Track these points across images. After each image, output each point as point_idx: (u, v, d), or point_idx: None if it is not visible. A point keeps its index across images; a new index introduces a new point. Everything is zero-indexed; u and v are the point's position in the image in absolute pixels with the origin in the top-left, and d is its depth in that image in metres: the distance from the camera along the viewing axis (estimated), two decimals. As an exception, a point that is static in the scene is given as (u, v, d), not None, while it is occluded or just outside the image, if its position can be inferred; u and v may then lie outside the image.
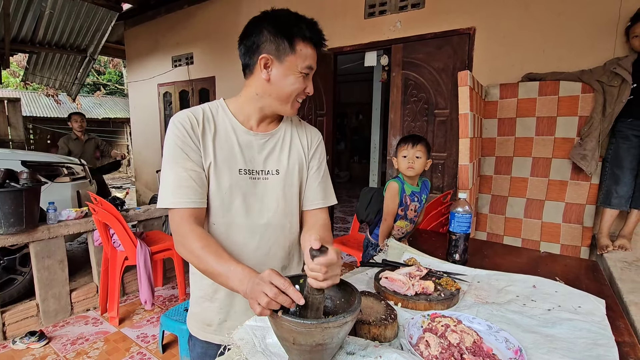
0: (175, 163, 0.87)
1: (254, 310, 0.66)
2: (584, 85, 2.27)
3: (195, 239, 0.83)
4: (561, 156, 2.40)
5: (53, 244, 2.56)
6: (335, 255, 0.64)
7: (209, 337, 1.00)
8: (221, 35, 4.50)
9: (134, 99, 6.16)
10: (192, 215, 0.86)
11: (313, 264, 0.64)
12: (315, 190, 1.03)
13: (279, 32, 0.85)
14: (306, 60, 0.88)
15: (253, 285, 0.68)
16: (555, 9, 2.47)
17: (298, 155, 1.01)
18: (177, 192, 0.86)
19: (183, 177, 0.86)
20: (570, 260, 1.42)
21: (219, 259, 0.79)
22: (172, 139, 0.88)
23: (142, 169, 6.18)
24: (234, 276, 0.76)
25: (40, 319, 2.55)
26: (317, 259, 0.63)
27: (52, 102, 12.23)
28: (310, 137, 1.05)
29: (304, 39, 0.86)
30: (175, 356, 2.22)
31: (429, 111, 3.03)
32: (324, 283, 0.64)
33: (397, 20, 3.10)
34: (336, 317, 0.61)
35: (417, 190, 1.80)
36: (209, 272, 0.82)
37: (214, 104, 0.97)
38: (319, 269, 0.63)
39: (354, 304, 0.66)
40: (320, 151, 1.07)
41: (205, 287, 0.98)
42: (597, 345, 0.79)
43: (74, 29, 4.50)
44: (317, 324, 0.59)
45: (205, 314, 1.00)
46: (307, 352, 0.63)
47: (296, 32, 0.85)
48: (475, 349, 0.74)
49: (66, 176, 3.37)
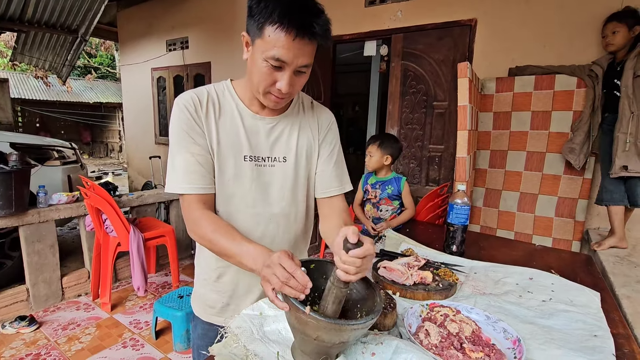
0: (183, 147, 0.85)
1: (266, 292, 0.66)
2: (579, 80, 2.28)
3: (206, 223, 0.82)
4: (555, 151, 2.41)
5: (44, 228, 2.51)
6: (372, 247, 0.61)
7: (212, 319, 1.00)
8: (218, 19, 4.39)
9: (127, 83, 6.02)
10: (201, 201, 0.85)
11: (347, 256, 0.60)
12: (329, 176, 0.98)
13: (254, 8, 0.74)
14: (273, 49, 0.73)
15: (264, 267, 0.68)
16: (556, 3, 2.45)
17: (307, 141, 0.96)
18: (186, 177, 0.84)
19: (191, 162, 0.84)
20: (564, 254, 1.44)
21: (232, 240, 0.79)
22: (177, 122, 0.85)
23: (134, 154, 6.09)
24: (248, 255, 0.75)
25: (30, 303, 2.52)
26: (354, 252, 0.59)
27: (41, 84, 11.92)
28: (322, 120, 0.99)
29: (272, 23, 0.71)
30: (168, 342, 2.22)
31: (428, 103, 3.01)
32: (354, 277, 0.60)
33: (398, 10, 3.06)
34: (365, 319, 0.60)
35: (384, 180, 2.08)
36: (223, 254, 0.82)
37: (220, 85, 0.93)
38: (353, 262, 0.60)
39: (377, 303, 0.65)
40: (333, 135, 1.00)
41: (210, 272, 0.97)
42: (593, 337, 0.80)
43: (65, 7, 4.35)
44: (348, 325, 0.58)
45: (208, 296, 0.99)
46: (326, 348, 0.62)
47: (265, 13, 0.71)
48: (475, 339, 0.74)
49: (57, 159, 3.30)
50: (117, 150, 14.87)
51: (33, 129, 12.79)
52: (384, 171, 2.10)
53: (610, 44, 2.06)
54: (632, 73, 1.91)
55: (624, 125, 1.92)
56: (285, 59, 0.74)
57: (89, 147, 15.27)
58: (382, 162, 2.05)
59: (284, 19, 0.70)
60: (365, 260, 0.61)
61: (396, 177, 2.09)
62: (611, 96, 2.07)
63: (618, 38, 2.02)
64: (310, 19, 0.73)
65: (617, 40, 2.02)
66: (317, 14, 0.74)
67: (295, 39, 0.72)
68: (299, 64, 0.76)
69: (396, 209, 2.06)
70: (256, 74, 0.79)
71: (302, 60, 0.76)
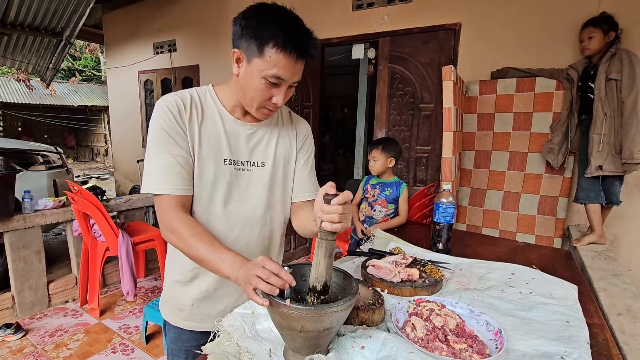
0: (163, 148, 0.85)
1: (247, 293, 0.68)
2: (558, 83, 2.37)
3: (185, 227, 0.83)
4: (536, 151, 2.49)
5: (29, 234, 2.47)
6: (349, 194, 0.66)
7: (180, 323, 1.01)
8: (206, 22, 4.38)
9: (113, 86, 5.94)
10: (180, 203, 0.86)
11: (329, 207, 0.64)
12: (306, 181, 1.04)
13: (249, 31, 0.79)
14: (274, 69, 0.79)
15: (247, 270, 0.70)
16: (535, 9, 2.54)
17: (285, 149, 1.01)
18: (165, 178, 0.85)
19: (171, 163, 0.85)
20: (545, 250, 1.49)
21: (211, 246, 0.80)
22: (159, 122, 0.86)
23: (121, 158, 6.00)
24: (226, 263, 0.77)
25: (16, 311, 2.47)
26: (335, 200, 0.64)
27: (23, 88, 11.64)
28: (299, 130, 1.05)
29: (275, 46, 0.77)
30: (159, 347, 2.21)
31: (415, 105, 3.07)
32: (338, 225, 0.64)
33: (385, 14, 3.11)
34: (344, 300, 0.63)
35: (384, 182, 2.11)
36: (199, 260, 0.83)
37: (202, 89, 0.94)
38: (336, 210, 0.64)
39: (353, 287, 0.69)
40: (309, 144, 1.07)
41: (185, 272, 0.97)
42: (569, 327, 0.84)
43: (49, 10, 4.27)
44: (328, 309, 0.61)
45: (178, 298, 1.00)
46: (313, 338, 0.65)
47: (267, 36, 0.77)
48: (458, 331, 0.77)
49: (42, 164, 3.25)
50: (102, 154, 14.60)
51: (15, 133, 12.47)
52: (386, 174, 2.13)
53: (587, 48, 2.14)
54: (604, 76, 1.99)
55: (597, 126, 2.00)
56: (285, 77, 0.81)
57: (73, 151, 14.96)
58: (387, 165, 2.09)
59: (287, 43, 0.77)
60: (346, 207, 0.65)
61: (397, 181, 2.12)
62: (587, 99, 2.16)
63: (594, 43, 2.10)
64: (307, 42, 0.80)
65: (593, 45, 2.10)
66: (312, 37, 0.82)
67: (297, 61, 0.80)
68: (294, 81, 0.84)
69: (390, 212, 2.07)
70: (252, 90, 0.83)
71: (297, 77, 0.85)
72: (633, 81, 1.91)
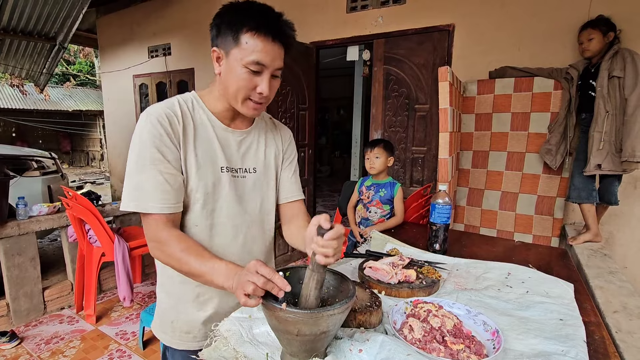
0: (151, 164, 0.81)
1: (239, 300, 0.67)
2: (556, 83, 2.38)
3: (175, 242, 0.80)
4: (534, 151, 2.51)
5: (24, 240, 2.44)
6: (342, 228, 0.66)
7: (190, 346, 0.95)
8: (200, 25, 4.38)
9: (108, 91, 5.92)
10: (170, 220, 0.83)
11: (324, 240, 0.64)
12: (290, 182, 1.06)
13: (223, 23, 0.79)
14: (252, 54, 0.77)
15: (240, 277, 0.69)
16: (529, 10, 2.56)
17: (273, 153, 1.02)
18: (155, 196, 0.81)
19: (159, 181, 0.81)
20: (542, 249, 1.50)
21: (201, 258, 0.78)
22: (147, 137, 0.81)
23: (117, 163, 5.98)
24: (219, 274, 0.75)
25: (11, 318, 2.44)
26: (329, 234, 0.64)
27: (17, 93, 11.55)
28: (284, 134, 1.07)
29: (249, 30, 0.77)
30: (156, 352, 2.19)
31: (410, 106, 3.08)
32: (332, 259, 0.65)
33: (379, 15, 3.13)
34: (340, 304, 0.63)
35: (379, 183, 2.10)
36: (191, 274, 0.80)
37: (187, 97, 0.91)
38: (330, 245, 0.64)
39: (350, 290, 0.68)
40: (292, 148, 1.09)
41: (189, 291, 0.93)
42: (566, 325, 0.85)
43: (42, 15, 4.25)
44: (324, 312, 0.61)
45: (185, 320, 0.95)
46: (310, 342, 0.65)
47: (240, 22, 0.77)
48: (456, 332, 0.77)
49: (36, 170, 3.23)
50: (98, 159, 14.51)
51: (9, 139, 12.37)
52: (382, 174, 2.13)
53: (587, 49, 2.14)
54: (607, 74, 2.00)
55: (599, 124, 2.01)
56: (265, 61, 0.80)
57: (69, 156, 14.85)
58: (387, 164, 2.09)
59: (260, 26, 0.77)
60: (339, 241, 0.66)
61: (391, 182, 2.12)
62: (587, 97, 2.15)
63: (594, 44, 2.11)
64: (280, 22, 0.80)
65: (593, 46, 2.11)
66: (283, 19, 0.81)
67: (274, 42, 0.79)
68: (275, 67, 0.82)
69: (386, 213, 2.06)
70: (234, 82, 0.82)
71: (278, 63, 0.82)
72: (636, 78, 1.92)
